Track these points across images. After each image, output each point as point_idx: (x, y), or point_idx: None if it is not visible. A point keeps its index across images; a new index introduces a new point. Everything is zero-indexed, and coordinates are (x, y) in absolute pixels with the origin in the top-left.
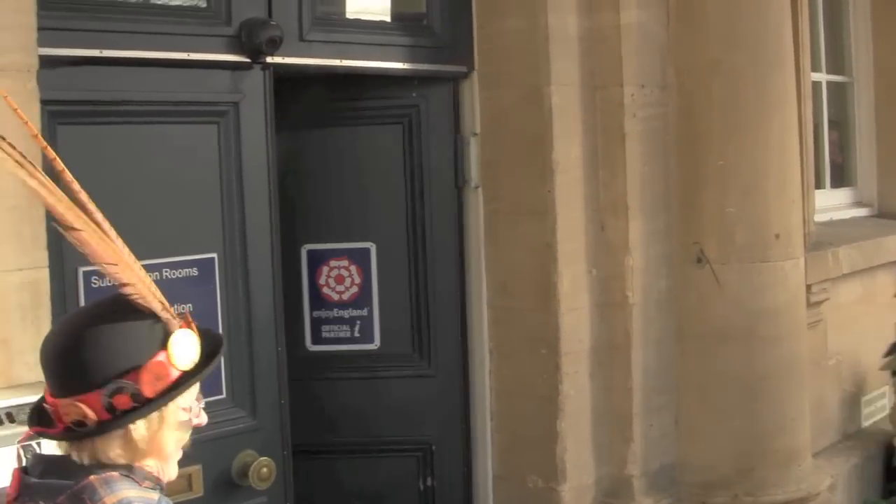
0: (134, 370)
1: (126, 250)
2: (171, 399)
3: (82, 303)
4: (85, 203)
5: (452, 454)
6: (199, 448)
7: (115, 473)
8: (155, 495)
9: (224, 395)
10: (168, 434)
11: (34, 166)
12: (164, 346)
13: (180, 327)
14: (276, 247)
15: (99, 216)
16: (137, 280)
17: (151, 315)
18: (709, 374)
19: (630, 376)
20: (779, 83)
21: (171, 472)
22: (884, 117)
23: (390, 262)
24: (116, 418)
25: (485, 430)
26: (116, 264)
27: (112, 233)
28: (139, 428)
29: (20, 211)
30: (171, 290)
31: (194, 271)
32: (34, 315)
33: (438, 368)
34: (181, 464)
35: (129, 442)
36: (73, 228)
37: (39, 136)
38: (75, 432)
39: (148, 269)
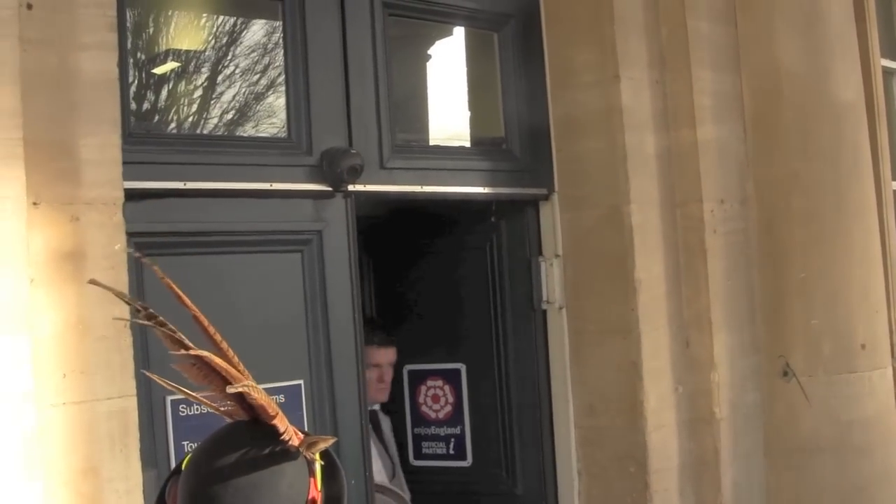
0: None
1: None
2: None
3: (171, 431)
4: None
5: None
6: None
7: None
8: None
9: None
10: None
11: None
12: (311, 474)
13: (306, 450)
14: (362, 373)
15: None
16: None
17: (295, 448)
18: (801, 487)
19: (720, 492)
20: (857, 193)
21: None
22: None
23: (479, 382)
24: None
25: None
26: (278, 414)
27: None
28: None
29: (109, 341)
30: None
31: (281, 398)
32: (123, 443)
33: (525, 488)
34: None
35: None
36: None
37: (200, 315)
38: None
39: None
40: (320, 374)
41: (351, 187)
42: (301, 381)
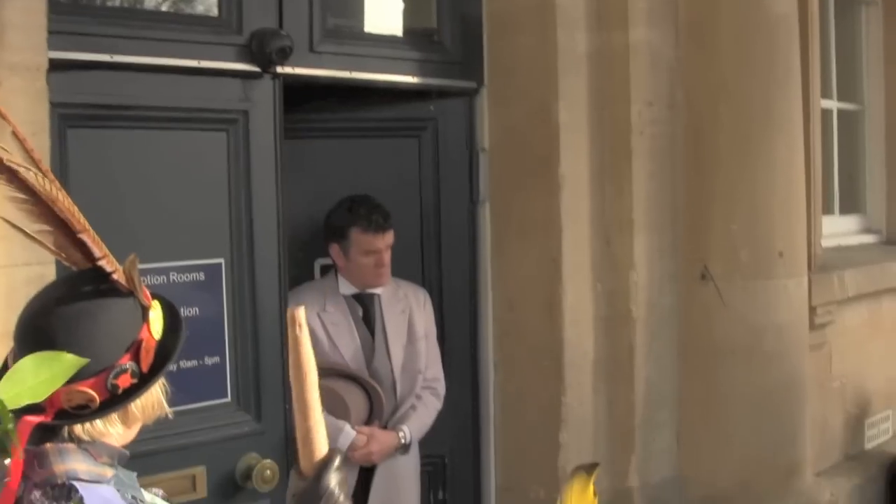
0: (131, 348)
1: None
2: (165, 370)
3: None
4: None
5: (463, 466)
6: (204, 450)
7: (71, 445)
8: (109, 472)
9: (229, 399)
10: (149, 403)
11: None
12: (145, 319)
13: (145, 298)
14: (284, 253)
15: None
16: (109, 254)
17: (126, 290)
18: (711, 389)
19: (633, 390)
20: (785, 106)
21: (132, 436)
22: (894, 145)
23: (403, 276)
24: (119, 398)
25: (489, 442)
26: (86, 230)
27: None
28: (136, 402)
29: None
30: (177, 294)
31: (201, 276)
32: None
33: (452, 381)
34: (185, 465)
35: (125, 414)
36: (85, 230)
37: (17, 129)
38: (74, 416)
39: (155, 272)
40: (241, 254)
41: (279, 69)
42: (222, 260)
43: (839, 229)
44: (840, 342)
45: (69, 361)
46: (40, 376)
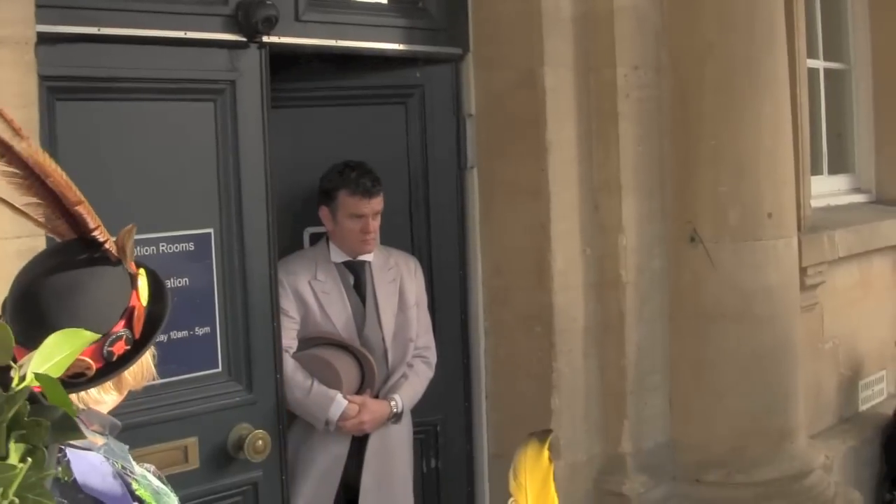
0: (124, 315)
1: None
2: (157, 335)
3: None
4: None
5: (455, 434)
6: (196, 421)
7: None
8: (100, 440)
9: (220, 369)
10: (140, 369)
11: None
12: (134, 286)
13: (130, 265)
14: (273, 222)
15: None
16: (101, 224)
17: (116, 258)
18: (702, 353)
19: (624, 355)
20: (771, 66)
21: (119, 399)
22: (881, 104)
23: (392, 243)
24: (114, 365)
25: (480, 409)
26: (82, 202)
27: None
28: (129, 369)
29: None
30: (167, 265)
31: (191, 246)
32: None
33: (442, 348)
34: (178, 436)
35: (118, 381)
36: (80, 202)
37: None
38: (70, 385)
39: (144, 243)
40: (230, 223)
41: (265, 39)
42: (211, 230)
43: (828, 189)
44: (831, 303)
45: (87, 337)
46: (63, 351)
